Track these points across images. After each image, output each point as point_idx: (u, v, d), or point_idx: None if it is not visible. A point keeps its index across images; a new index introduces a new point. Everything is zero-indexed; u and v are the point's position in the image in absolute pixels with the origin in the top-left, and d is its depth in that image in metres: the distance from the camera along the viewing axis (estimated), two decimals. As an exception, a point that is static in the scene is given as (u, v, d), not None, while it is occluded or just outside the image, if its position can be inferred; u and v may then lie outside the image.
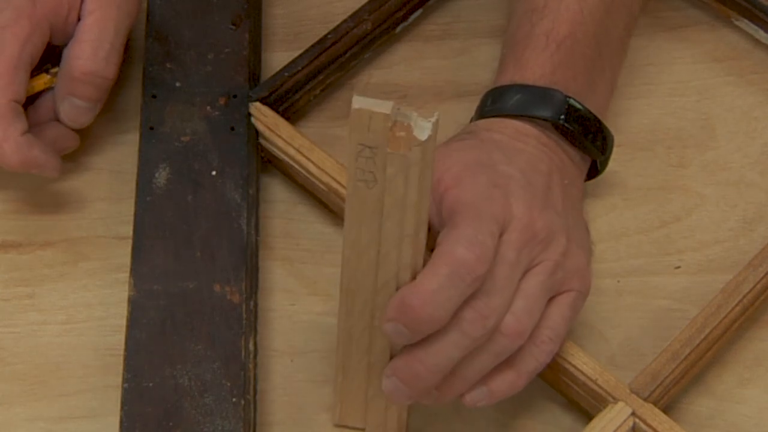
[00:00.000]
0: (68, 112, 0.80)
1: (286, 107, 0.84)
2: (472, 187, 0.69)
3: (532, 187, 0.71)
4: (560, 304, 0.70)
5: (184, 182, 0.79)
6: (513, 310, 0.67)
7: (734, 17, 0.89)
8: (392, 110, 0.59)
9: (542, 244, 0.69)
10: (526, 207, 0.69)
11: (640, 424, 0.71)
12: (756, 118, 0.86)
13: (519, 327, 0.67)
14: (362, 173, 0.62)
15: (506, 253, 0.67)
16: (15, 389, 0.76)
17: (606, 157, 0.79)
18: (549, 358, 0.70)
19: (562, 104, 0.76)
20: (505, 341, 0.68)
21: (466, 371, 0.68)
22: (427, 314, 0.65)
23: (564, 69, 0.77)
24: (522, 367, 0.69)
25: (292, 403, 0.75)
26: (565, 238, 0.71)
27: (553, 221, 0.70)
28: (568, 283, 0.70)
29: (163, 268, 0.76)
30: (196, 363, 0.73)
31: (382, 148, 0.60)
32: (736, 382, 0.76)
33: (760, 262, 0.75)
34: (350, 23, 0.86)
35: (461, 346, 0.66)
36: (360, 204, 0.63)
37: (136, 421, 0.71)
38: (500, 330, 0.67)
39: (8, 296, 0.79)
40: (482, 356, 0.68)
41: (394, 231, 0.64)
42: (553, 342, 0.70)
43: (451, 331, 0.66)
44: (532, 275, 0.69)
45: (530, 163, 0.73)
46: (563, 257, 0.70)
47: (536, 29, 0.78)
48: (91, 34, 0.79)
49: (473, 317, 0.66)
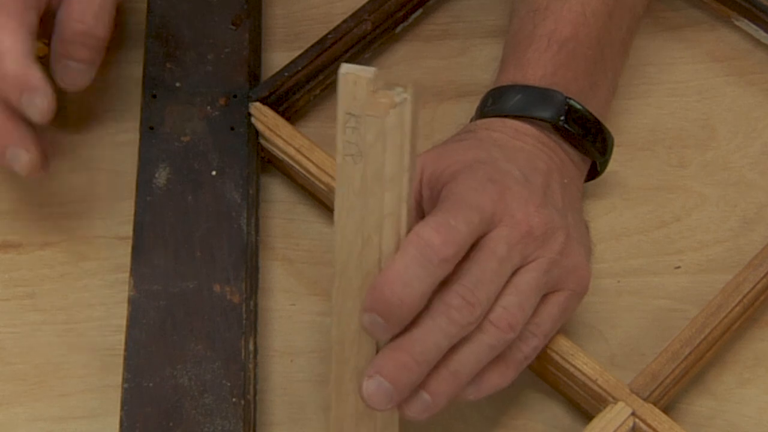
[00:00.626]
0: (64, 74, 0.79)
1: (286, 107, 0.84)
2: (467, 180, 0.69)
3: (530, 184, 0.71)
4: (553, 302, 0.70)
5: (184, 182, 0.79)
6: (505, 304, 0.67)
7: (734, 17, 0.89)
8: (374, 74, 0.61)
9: (538, 241, 0.69)
10: (523, 203, 0.69)
11: (640, 424, 0.71)
12: (756, 118, 0.86)
13: (511, 320, 0.67)
14: (348, 146, 0.62)
15: (496, 247, 0.67)
16: (15, 389, 0.76)
17: (606, 158, 0.79)
18: (534, 355, 0.70)
19: (562, 105, 0.76)
20: (498, 333, 0.67)
21: (456, 364, 0.67)
22: (397, 296, 0.63)
23: (565, 70, 0.77)
24: (504, 362, 0.69)
25: (292, 403, 0.76)
26: (563, 236, 0.70)
27: (551, 218, 0.70)
28: (563, 281, 0.70)
29: (163, 268, 0.76)
30: (196, 363, 0.73)
31: (364, 115, 0.61)
32: (736, 382, 0.76)
33: (760, 262, 0.75)
34: (350, 23, 0.86)
35: (448, 333, 0.65)
36: (347, 182, 0.63)
37: (136, 421, 0.71)
38: (492, 322, 0.67)
39: (8, 296, 0.79)
40: (473, 346, 0.67)
41: (375, 210, 0.64)
42: (536, 338, 0.69)
43: (437, 317, 0.65)
44: (525, 271, 0.68)
45: (529, 161, 0.73)
46: (560, 255, 0.70)
47: (538, 30, 0.78)
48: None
49: (460, 304, 0.65)
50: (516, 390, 0.75)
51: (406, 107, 0.61)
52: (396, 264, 0.64)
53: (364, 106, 0.61)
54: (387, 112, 0.61)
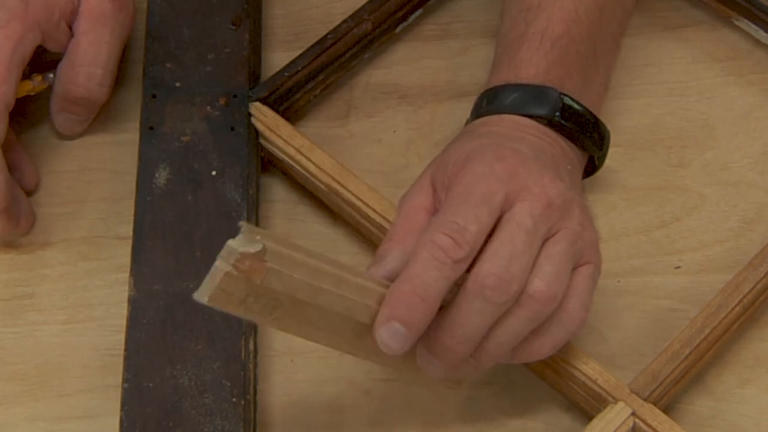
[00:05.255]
0: (63, 124, 0.84)
1: (286, 107, 0.84)
2: (474, 166, 0.69)
3: (540, 159, 0.71)
4: (584, 274, 0.70)
5: (184, 182, 0.79)
6: (541, 275, 0.67)
7: (734, 17, 0.89)
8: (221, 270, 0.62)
9: (559, 211, 0.69)
10: (537, 176, 0.69)
11: (640, 424, 0.71)
12: (756, 118, 0.86)
13: (549, 291, 0.67)
14: (265, 310, 0.64)
15: (522, 221, 0.67)
16: (15, 389, 0.76)
17: (603, 152, 0.79)
18: (579, 327, 0.70)
19: (557, 102, 0.76)
20: (537, 306, 0.67)
21: (499, 338, 0.68)
22: (419, 297, 0.65)
23: (558, 67, 0.77)
24: (550, 334, 0.69)
25: (292, 403, 0.76)
26: (578, 208, 0.70)
27: (566, 190, 0.70)
28: (588, 255, 0.70)
29: (163, 268, 0.76)
30: (196, 363, 0.73)
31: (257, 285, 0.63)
32: (736, 382, 0.76)
33: (760, 262, 0.75)
34: (350, 23, 0.86)
35: (486, 313, 0.66)
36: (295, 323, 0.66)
37: (136, 421, 0.71)
38: (531, 295, 0.67)
39: (8, 296, 0.79)
40: (514, 321, 0.67)
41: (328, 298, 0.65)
42: (584, 309, 0.70)
43: (474, 299, 0.66)
44: (553, 242, 0.68)
45: (534, 145, 0.73)
46: (581, 227, 0.70)
47: (531, 28, 0.78)
48: (85, 58, 0.81)
49: (495, 283, 0.66)
50: (516, 390, 0.75)
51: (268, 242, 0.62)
52: (411, 268, 0.66)
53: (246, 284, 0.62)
54: (263, 261, 0.62)
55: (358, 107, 0.87)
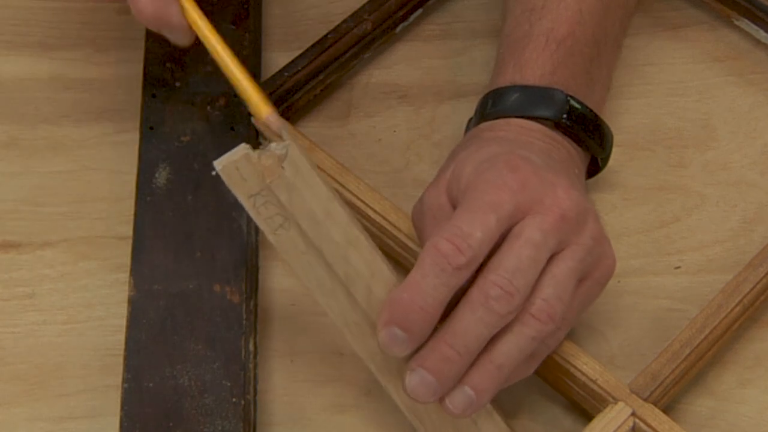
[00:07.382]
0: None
1: (286, 107, 0.84)
2: (486, 175, 0.68)
3: (551, 168, 0.71)
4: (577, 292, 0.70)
5: (184, 182, 0.79)
6: (545, 296, 0.67)
7: (734, 17, 0.89)
8: (246, 149, 0.63)
9: (572, 224, 0.68)
10: (549, 187, 0.69)
11: (640, 425, 0.71)
12: (756, 118, 0.86)
13: (551, 312, 0.67)
14: (271, 221, 0.64)
15: (531, 234, 0.67)
16: (15, 389, 0.76)
17: (606, 153, 0.79)
18: (556, 343, 0.70)
19: (564, 104, 0.76)
20: (539, 326, 0.67)
21: (503, 359, 0.67)
22: (417, 305, 0.65)
23: (564, 68, 0.77)
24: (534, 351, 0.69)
25: (292, 403, 0.76)
26: (593, 219, 0.70)
27: (580, 200, 0.69)
28: (592, 270, 0.70)
29: (163, 268, 0.76)
30: (196, 363, 0.73)
31: (265, 185, 0.62)
32: (736, 382, 0.76)
33: (760, 262, 0.75)
34: (350, 23, 0.86)
35: (488, 323, 0.66)
36: (293, 249, 0.65)
37: (136, 421, 0.71)
38: (533, 315, 0.67)
39: (8, 296, 0.79)
40: (516, 341, 0.67)
41: (334, 252, 0.65)
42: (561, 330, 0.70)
43: (477, 308, 0.66)
44: (562, 260, 0.68)
45: (543, 151, 0.73)
46: (593, 241, 0.69)
47: (535, 29, 0.78)
48: None
49: (498, 294, 0.65)
50: (516, 390, 0.75)
51: (293, 150, 0.62)
52: (413, 274, 0.65)
53: (258, 180, 0.62)
54: (281, 166, 0.62)
55: (358, 107, 0.87)
